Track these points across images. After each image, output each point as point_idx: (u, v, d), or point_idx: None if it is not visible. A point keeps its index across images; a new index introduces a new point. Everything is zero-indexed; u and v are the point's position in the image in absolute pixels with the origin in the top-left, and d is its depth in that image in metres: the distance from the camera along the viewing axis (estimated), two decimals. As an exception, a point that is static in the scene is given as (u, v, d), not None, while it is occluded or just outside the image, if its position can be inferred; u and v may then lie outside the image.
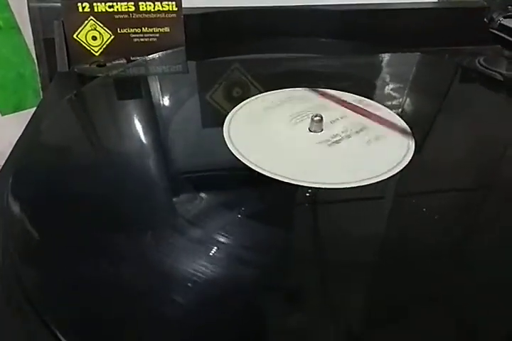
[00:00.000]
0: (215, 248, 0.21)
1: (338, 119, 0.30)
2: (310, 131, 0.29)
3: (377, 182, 0.25)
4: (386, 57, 0.41)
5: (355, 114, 0.31)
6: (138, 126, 0.31)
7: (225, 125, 0.30)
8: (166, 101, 0.34)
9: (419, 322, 0.19)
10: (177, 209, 0.24)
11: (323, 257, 0.22)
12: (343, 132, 0.29)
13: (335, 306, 0.19)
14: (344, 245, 0.22)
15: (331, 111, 0.31)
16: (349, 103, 0.33)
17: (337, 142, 0.28)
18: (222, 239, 0.21)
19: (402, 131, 0.30)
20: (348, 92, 0.34)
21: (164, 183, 0.26)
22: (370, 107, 0.32)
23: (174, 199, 0.25)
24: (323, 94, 0.34)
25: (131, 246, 0.21)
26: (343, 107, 0.32)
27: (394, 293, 0.20)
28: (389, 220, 0.24)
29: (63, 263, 0.20)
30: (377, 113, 0.32)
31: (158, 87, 0.36)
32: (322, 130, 0.29)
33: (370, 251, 0.22)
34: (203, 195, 0.24)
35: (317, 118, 0.29)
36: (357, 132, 0.29)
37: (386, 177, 0.25)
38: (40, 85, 0.45)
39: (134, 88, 0.35)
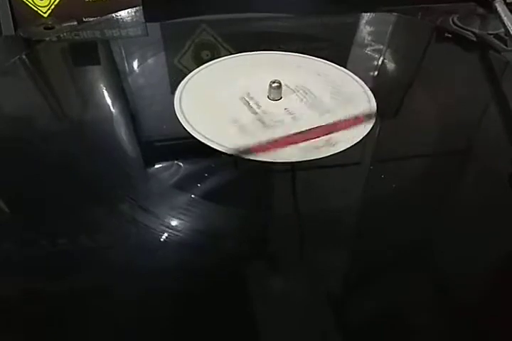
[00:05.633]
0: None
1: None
2: (269, 98, 0.28)
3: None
4: (357, 16, 0.39)
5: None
6: (86, 91, 0.29)
7: (177, 91, 0.28)
8: (118, 65, 0.32)
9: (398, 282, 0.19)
10: (122, 178, 0.23)
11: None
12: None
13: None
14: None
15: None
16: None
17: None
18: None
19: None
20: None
21: (112, 150, 0.25)
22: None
23: (122, 167, 0.24)
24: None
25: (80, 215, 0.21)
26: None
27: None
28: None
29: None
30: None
31: (111, 50, 0.33)
32: (281, 98, 0.27)
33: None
34: (149, 165, 0.24)
35: (275, 84, 0.27)
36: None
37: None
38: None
39: (85, 52, 0.33)
